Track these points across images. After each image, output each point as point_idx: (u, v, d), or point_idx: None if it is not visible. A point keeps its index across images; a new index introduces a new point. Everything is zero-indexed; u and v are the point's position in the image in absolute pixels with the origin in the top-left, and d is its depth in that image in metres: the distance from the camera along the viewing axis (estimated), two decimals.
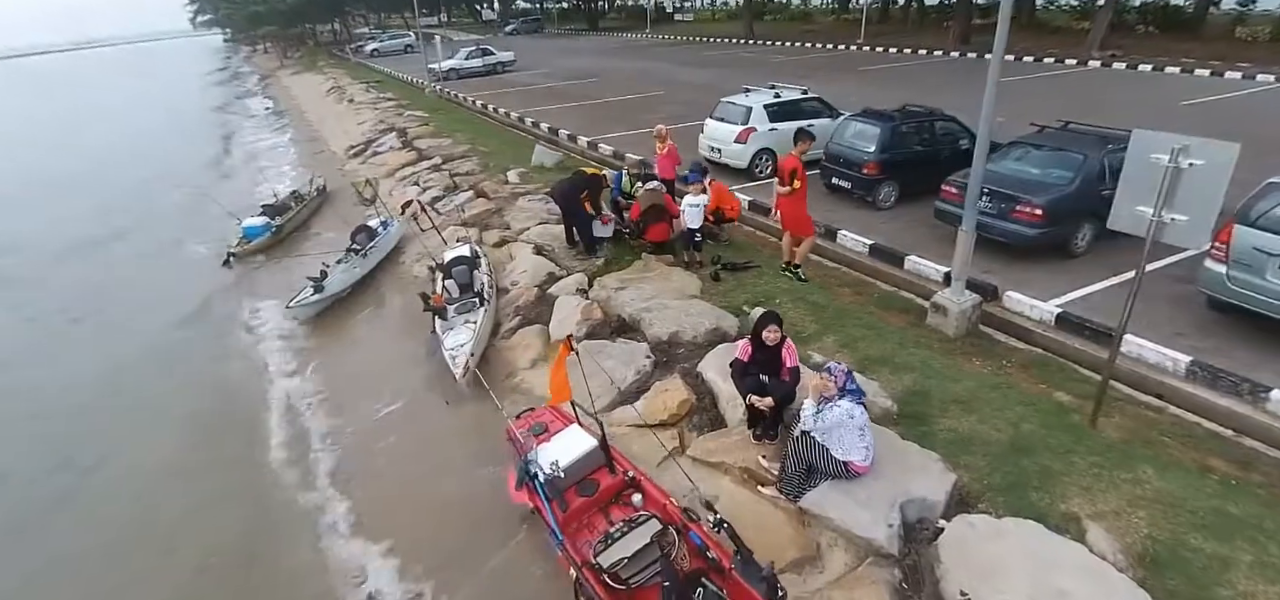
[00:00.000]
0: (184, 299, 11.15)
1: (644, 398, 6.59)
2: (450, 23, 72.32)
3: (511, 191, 12.83)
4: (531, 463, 5.32)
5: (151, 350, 9.67)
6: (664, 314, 7.71)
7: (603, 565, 4.48)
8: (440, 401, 7.43)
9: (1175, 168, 5.08)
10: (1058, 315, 7.95)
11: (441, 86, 28.96)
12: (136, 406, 8.36)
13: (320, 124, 24.31)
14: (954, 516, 4.83)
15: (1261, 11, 36.58)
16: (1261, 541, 4.42)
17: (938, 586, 4.35)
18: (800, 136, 8.71)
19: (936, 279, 9.17)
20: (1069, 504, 4.79)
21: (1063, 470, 5.14)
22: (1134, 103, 19.37)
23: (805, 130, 8.97)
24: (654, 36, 53.52)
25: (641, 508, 5.11)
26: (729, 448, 5.74)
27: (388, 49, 49.01)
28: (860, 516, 4.79)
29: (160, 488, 6.81)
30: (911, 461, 5.23)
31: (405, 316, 9.64)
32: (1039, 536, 4.51)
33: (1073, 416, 5.95)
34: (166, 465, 7.10)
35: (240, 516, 6.32)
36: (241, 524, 6.22)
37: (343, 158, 19.01)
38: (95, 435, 7.75)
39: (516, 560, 5.50)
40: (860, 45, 37.59)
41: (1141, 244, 5.47)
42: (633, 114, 20.93)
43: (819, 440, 5.04)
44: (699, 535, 4.60)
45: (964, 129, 12.74)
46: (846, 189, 12.20)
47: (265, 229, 13.09)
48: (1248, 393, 6.39)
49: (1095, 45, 28.39)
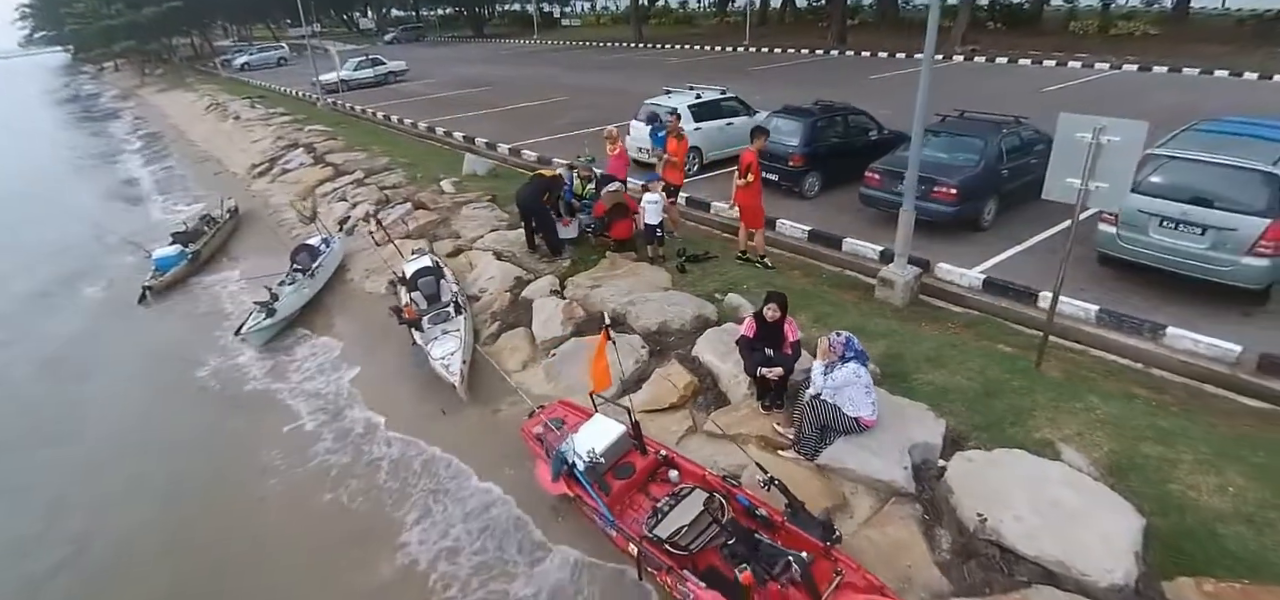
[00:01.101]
0: (108, 350, 10.11)
1: (647, 385, 6.93)
2: (323, 33, 68.88)
3: (453, 201, 12.73)
4: (567, 453, 5.55)
5: (96, 418, 8.38)
6: (647, 306, 8.09)
7: (662, 537, 4.81)
8: (437, 412, 7.41)
9: (1097, 144, 6.04)
10: (984, 281, 9.01)
11: (334, 99, 27.75)
12: (109, 491, 6.99)
13: (208, 144, 22.67)
14: (951, 455, 5.54)
15: (1086, 6, 41.83)
16: (1193, 445, 5.41)
17: (955, 513, 5.03)
18: (756, 133, 9.33)
19: (872, 257, 10.07)
20: (1041, 432, 5.63)
21: (1028, 407, 6.00)
22: (1002, 92, 21.67)
23: (761, 127, 9.60)
24: (542, 42, 53.52)
25: (679, 483, 5.47)
26: (741, 420, 6.22)
27: (259, 62, 46.19)
28: (876, 464, 5.40)
29: (178, 561, 6.15)
30: (906, 413, 5.92)
31: (368, 333, 9.42)
32: (1026, 461, 5.30)
33: (1021, 363, 6.88)
34: (176, 537, 6.34)
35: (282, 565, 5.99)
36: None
37: (247, 178, 17.93)
38: (66, 534, 6.46)
39: (564, 545, 5.67)
40: (745, 46, 39.35)
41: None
42: (543, 120, 21.10)
43: (831, 401, 5.61)
44: (746, 497, 5.04)
45: (873, 122, 13.94)
46: (774, 181, 12.98)
47: (180, 257, 12.23)
48: (1148, 331, 7.60)
49: (957, 41, 31.37)
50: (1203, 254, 7.88)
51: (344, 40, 63.85)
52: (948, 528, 4.97)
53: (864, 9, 49.47)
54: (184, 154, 22.26)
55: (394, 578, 5.59)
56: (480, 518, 6.03)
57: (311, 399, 8.13)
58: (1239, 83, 21.42)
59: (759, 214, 9.41)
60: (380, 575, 5.61)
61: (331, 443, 7.28)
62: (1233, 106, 17.35)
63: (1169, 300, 8.00)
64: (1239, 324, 7.53)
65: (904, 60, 31.42)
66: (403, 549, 5.81)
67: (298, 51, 53.11)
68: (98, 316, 11.24)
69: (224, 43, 64.12)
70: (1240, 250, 7.62)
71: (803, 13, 51.37)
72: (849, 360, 5.54)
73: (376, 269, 11.14)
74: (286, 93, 31.51)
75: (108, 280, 12.63)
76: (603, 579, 5.32)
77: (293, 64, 46.54)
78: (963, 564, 4.72)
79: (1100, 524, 4.68)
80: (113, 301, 11.68)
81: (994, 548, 4.73)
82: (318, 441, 7.32)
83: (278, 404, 8.15)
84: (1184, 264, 8.04)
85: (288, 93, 31.45)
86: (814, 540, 4.53)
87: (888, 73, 27.97)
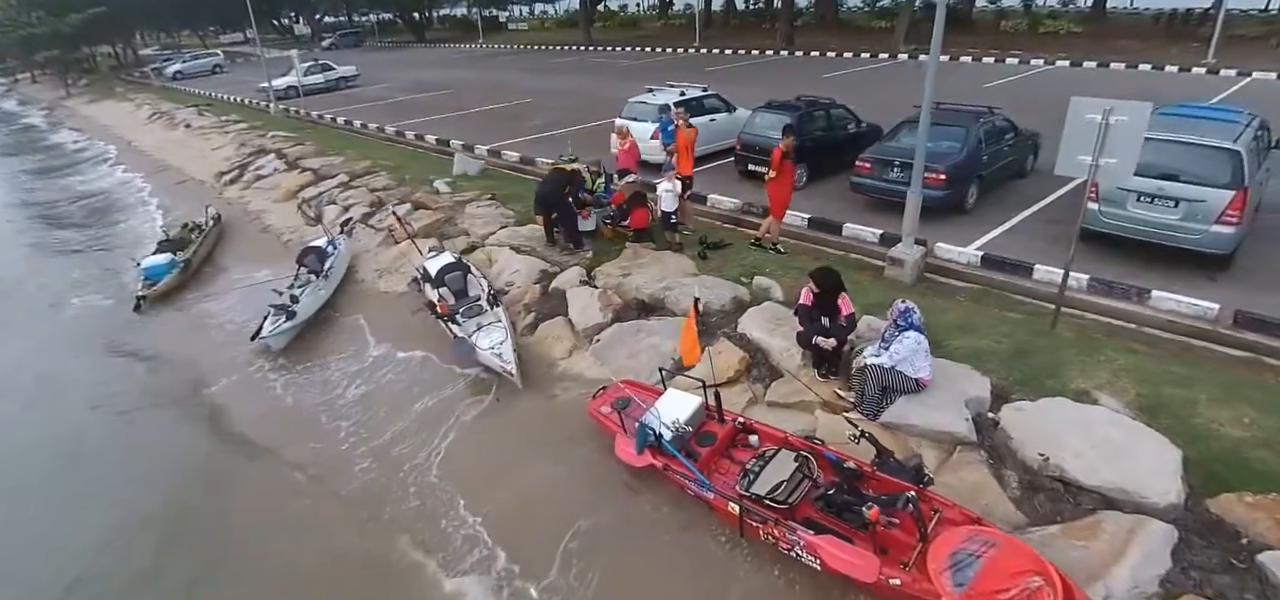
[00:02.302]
0: (113, 362, 9.73)
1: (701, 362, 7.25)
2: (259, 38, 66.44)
3: (453, 201, 12.75)
4: (652, 426, 5.84)
5: (115, 436, 8.03)
6: (682, 290, 8.44)
7: (762, 494, 5.17)
8: (489, 402, 7.54)
9: (1106, 124, 6.73)
10: (982, 257, 9.73)
11: (288, 106, 26.98)
12: (148, 513, 6.72)
13: (163, 154, 21.74)
14: (999, 408, 6.09)
15: (1009, 5, 44.35)
16: (1204, 387, 6.11)
17: (1016, 456, 5.57)
18: (787, 131, 9.80)
19: (872, 240, 10.68)
20: (1076, 383, 6.24)
21: (1058, 362, 6.63)
22: (950, 87, 22.78)
23: (790, 125, 10.08)
24: (490, 46, 53.10)
25: (759, 446, 5.84)
26: (802, 388, 6.64)
27: (193, 70, 44.31)
28: (939, 417, 5.91)
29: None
30: (953, 373, 6.45)
31: (394, 330, 9.41)
32: (1070, 408, 5.89)
33: (1038, 326, 7.54)
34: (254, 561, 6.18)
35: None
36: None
37: (216, 186, 17.36)
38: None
39: (648, 512, 5.94)
40: (696, 48, 40.11)
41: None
42: (514, 121, 21.16)
43: (893, 365, 6.09)
44: (833, 453, 5.45)
45: (852, 115, 14.67)
46: (761, 173, 13.56)
47: (170, 266, 11.86)
48: (1135, 295, 8.41)
49: (901, 41, 32.87)
50: (1176, 224, 8.76)
51: (279, 47, 61.80)
52: (1013, 469, 5.50)
53: (803, 12, 51.08)
54: (139, 164, 21.29)
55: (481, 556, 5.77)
56: (561, 496, 6.22)
57: (360, 399, 8.13)
58: (1162, 75, 23.31)
59: (780, 205, 9.85)
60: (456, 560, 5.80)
61: (397, 435, 7.34)
62: (1159, 97, 19.00)
63: (1145, 268, 8.81)
64: (1206, 286, 8.36)
65: (851, 59, 32.66)
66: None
67: (232, 59, 51.26)
68: (93, 327, 10.81)
69: (148, 51, 61.03)
70: (1209, 220, 8.51)
71: (745, 15, 52.55)
72: (910, 328, 6.03)
73: (387, 268, 11.12)
74: (233, 101, 30.40)
75: (98, 292, 12.15)
76: (688, 542, 5.60)
77: (229, 71, 44.90)
78: (1032, 498, 5.26)
79: (1146, 455, 5.29)
80: (107, 311, 11.24)
81: (1058, 483, 5.29)
82: (379, 436, 7.38)
83: (332, 406, 8.12)
84: (1159, 234, 8.91)
85: (234, 100, 30.36)
86: (907, 484, 4.97)
87: (839, 71, 29.07)
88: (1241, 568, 4.52)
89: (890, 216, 10.97)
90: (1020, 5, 44.49)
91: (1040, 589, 4.12)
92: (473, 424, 7.36)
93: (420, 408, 7.71)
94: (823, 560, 4.75)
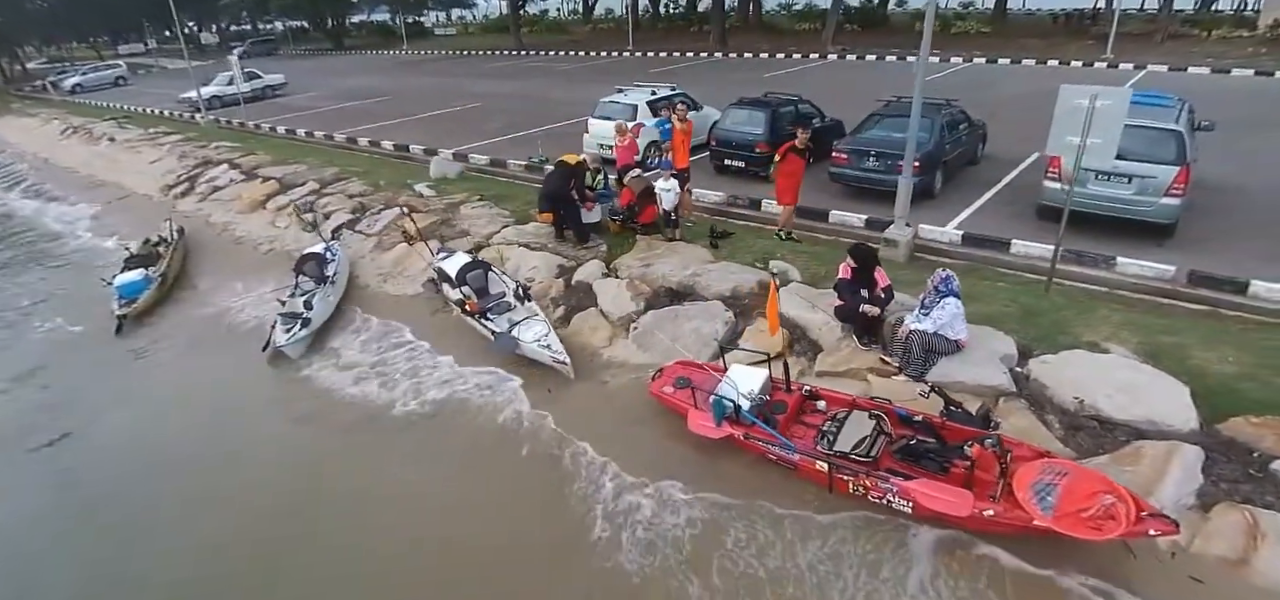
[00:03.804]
0: (107, 389, 9.14)
1: (745, 341, 7.69)
2: (158, 49, 62.44)
3: (445, 204, 12.70)
4: (728, 399, 6.23)
5: (137, 475, 7.42)
6: (708, 277, 8.86)
7: (846, 450, 5.66)
8: (543, 393, 7.72)
9: (1092, 107, 7.61)
10: (963, 236, 10.62)
11: (217, 115, 25.69)
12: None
13: (90, 170, 20.29)
14: (1025, 363, 6.83)
15: (915, 7, 47.13)
16: (1188, 335, 7.06)
17: (1053, 401, 6.29)
18: (801, 127, 10.33)
19: (858, 225, 11.43)
20: (1086, 337, 7.06)
21: (1064, 321, 7.46)
22: (880, 84, 24.18)
23: (803, 119, 10.60)
24: (415, 53, 51.97)
25: (828, 410, 6.33)
26: (848, 358, 7.20)
27: (94, 82, 41.30)
28: (980, 373, 6.59)
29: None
30: (981, 334, 7.15)
31: (432, 332, 9.35)
32: (1089, 358, 6.69)
33: (1035, 292, 8.39)
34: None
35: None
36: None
37: (165, 199, 16.46)
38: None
39: (742, 474, 6.32)
40: (629, 52, 40.71)
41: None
42: (469, 125, 21.02)
43: (936, 330, 6.72)
44: (903, 409, 6.00)
45: (817, 110, 15.49)
46: (740, 168, 14.17)
47: (145, 282, 11.28)
48: (1103, 263, 9.44)
49: (829, 42, 34.52)
50: (1130, 199, 9.88)
51: (182, 57, 58.32)
52: (1053, 413, 6.22)
53: (728, 14, 52.57)
54: (68, 182, 19.80)
55: (598, 537, 6.00)
56: (653, 466, 6.52)
57: (424, 400, 8.11)
58: (1070, 70, 25.58)
59: (786, 194, 10.34)
60: (579, 538, 6.00)
61: (476, 433, 7.44)
62: None
63: (1099, 240, 9.78)
64: (1155, 252, 9.43)
65: (784, 59, 33.99)
66: (593, 521, 6.19)
67: (135, 70, 48.06)
68: (82, 354, 10.12)
69: (33, 64, 56.23)
70: (1159, 193, 9.65)
71: (674, 18, 53.57)
72: (950, 294, 6.68)
73: (390, 272, 11.01)
74: (154, 113, 28.63)
75: (62, 316, 11.29)
76: (782, 496, 6.02)
77: (134, 83, 42.08)
78: (1075, 436, 5.98)
79: (1160, 392, 6.12)
80: (83, 336, 10.56)
81: (1094, 420, 6.03)
82: (450, 433, 7.47)
83: (384, 408, 8.09)
84: (1115, 207, 10.01)
85: (156, 113, 28.60)
86: (976, 430, 5.57)
87: (776, 71, 30.26)
88: (1259, 477, 5.35)
89: (866, 202, 11.79)
90: (923, 5, 47.41)
91: (1114, 504, 4.78)
92: (548, 412, 7.49)
93: (478, 404, 7.79)
94: (916, 502, 5.27)
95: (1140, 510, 4.76)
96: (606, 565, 5.65)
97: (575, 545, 5.88)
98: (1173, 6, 31.59)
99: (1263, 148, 13.58)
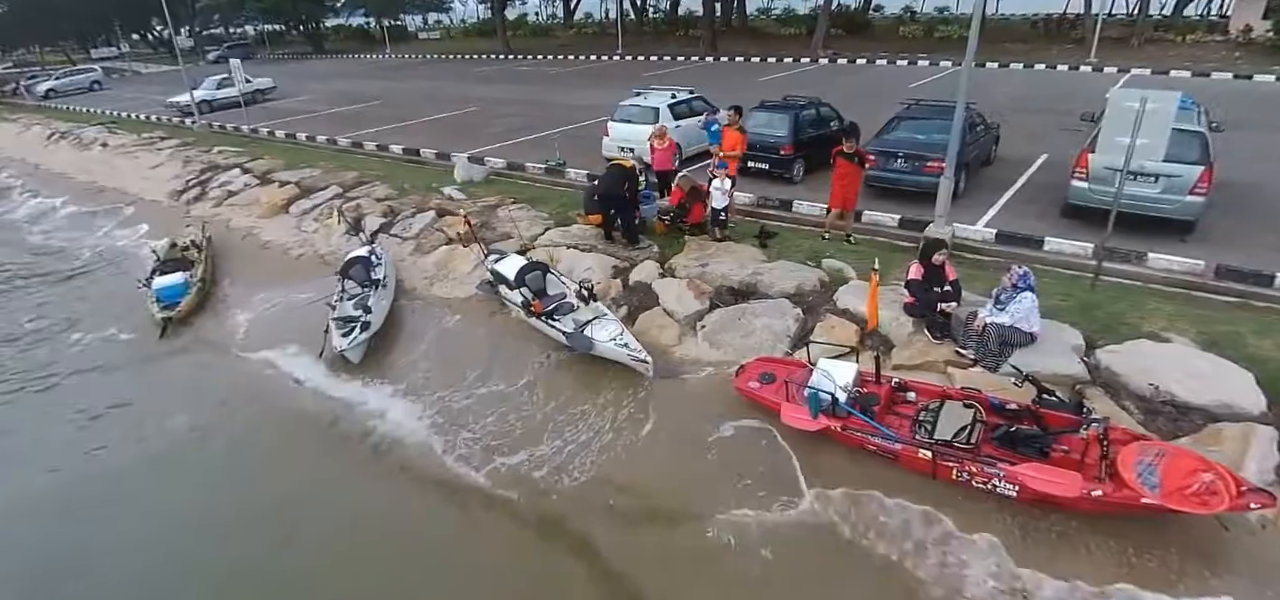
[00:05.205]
0: (172, 400, 9.07)
1: (818, 335, 7.91)
2: (130, 53, 60.83)
3: (480, 207, 12.74)
4: (824, 392, 6.45)
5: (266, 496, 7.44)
6: (770, 275, 9.10)
7: (948, 438, 5.93)
8: (641, 390, 7.84)
9: (1140, 110, 8.02)
10: (996, 233, 11.01)
11: (210, 121, 25.29)
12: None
13: (89, 176, 19.78)
14: (1092, 353, 7.18)
15: (898, 11, 48.12)
16: (1240, 323, 7.50)
17: (1128, 388, 6.64)
18: (850, 132, 10.59)
19: (891, 224, 11.78)
20: (1145, 327, 7.46)
21: (1119, 313, 7.85)
22: (878, 86, 24.93)
23: (848, 128, 10.82)
24: (399, 56, 51.54)
25: (918, 402, 6.60)
26: (924, 351, 7.48)
27: (69, 87, 40.23)
28: (1056, 363, 6.92)
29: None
30: (1048, 327, 7.48)
31: (480, 331, 9.47)
32: (1153, 347, 7.06)
33: (1080, 286, 8.78)
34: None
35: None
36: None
37: (176, 205, 16.22)
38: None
39: (843, 464, 6.55)
40: (620, 55, 40.90)
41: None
42: (474, 130, 21.02)
43: (1012, 323, 7.03)
44: (996, 398, 6.29)
45: (835, 112, 15.86)
46: (764, 169, 14.43)
47: (186, 286, 11.21)
48: (1135, 258, 9.89)
49: (820, 47, 35.12)
50: (1156, 197, 10.34)
51: (158, 62, 57.05)
52: (1129, 399, 6.57)
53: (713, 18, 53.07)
54: (63, 188, 19.34)
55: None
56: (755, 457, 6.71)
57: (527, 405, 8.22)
58: (1057, 74, 26.47)
59: (839, 198, 10.55)
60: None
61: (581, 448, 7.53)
62: (1063, 93, 21.75)
63: (1125, 237, 10.12)
64: (1178, 247, 9.91)
65: (774, 64, 34.51)
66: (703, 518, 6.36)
67: (109, 74, 46.91)
68: (132, 360, 10.01)
69: (1, 68, 54.41)
70: (1184, 191, 10.13)
71: (659, 23, 53.89)
72: (1027, 289, 7.00)
73: (436, 275, 11.03)
74: (142, 117, 28.07)
75: (104, 325, 11.12)
76: (888, 485, 6.27)
77: (108, 88, 41.09)
78: (1154, 420, 6.33)
79: (1227, 377, 6.51)
80: (132, 342, 10.42)
81: (1170, 405, 6.39)
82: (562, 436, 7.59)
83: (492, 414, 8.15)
84: (1141, 206, 10.46)
85: (144, 117, 28.04)
86: (1070, 416, 5.88)
87: (771, 75, 30.72)
88: None
89: (895, 202, 12.12)
90: (903, 12, 48.45)
91: (1214, 481, 5.11)
92: (649, 411, 7.66)
93: (582, 408, 7.93)
94: (1023, 486, 5.55)
95: (1239, 486, 5.09)
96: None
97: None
98: (1147, 11, 32.85)
99: (1259, 149, 14.27)
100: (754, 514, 6.24)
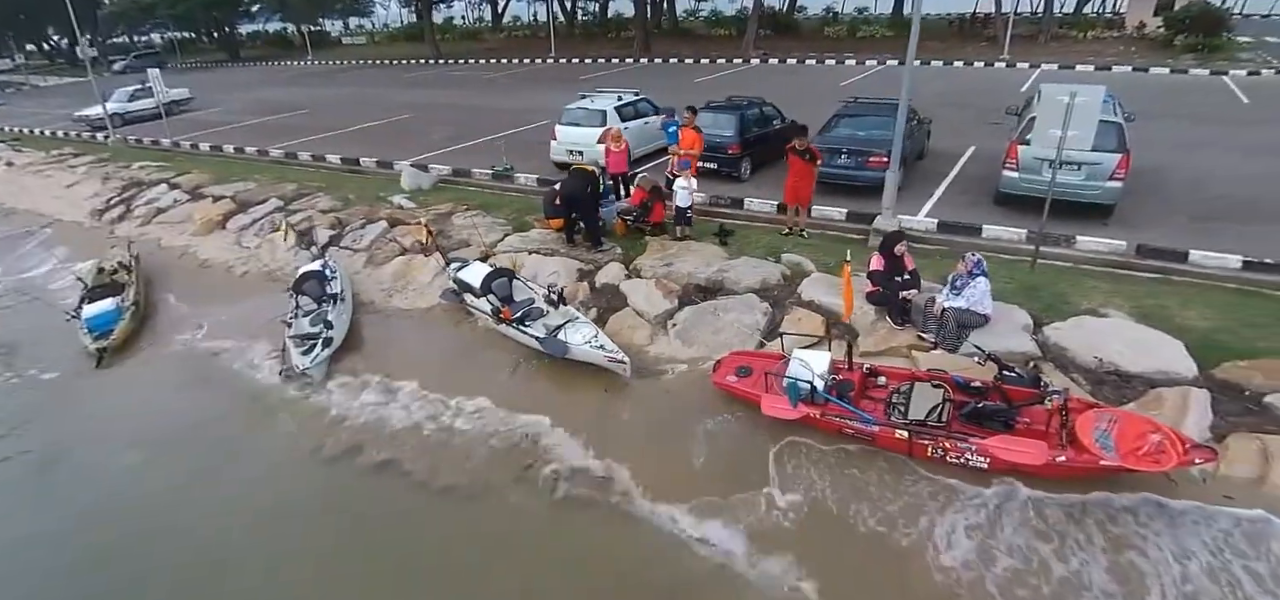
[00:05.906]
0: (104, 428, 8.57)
1: (786, 326, 8.18)
2: (25, 65, 56.44)
3: (433, 216, 12.53)
4: (802, 381, 6.69)
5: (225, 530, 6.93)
6: (735, 272, 9.34)
7: (922, 419, 6.27)
8: (599, 394, 7.90)
9: (1070, 104, 8.64)
10: (938, 223, 11.61)
11: (125, 134, 23.85)
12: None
13: None
14: (1040, 330, 7.70)
15: (818, 13, 49.74)
16: (1167, 297, 8.18)
17: (1075, 361, 7.16)
18: (799, 130, 10.91)
19: (839, 218, 12.23)
20: (1084, 304, 8.05)
21: (1061, 292, 8.43)
22: (810, 85, 25.72)
23: (803, 126, 11.15)
24: (323, 63, 49.76)
25: (888, 385, 6.93)
26: (886, 337, 7.85)
27: None
28: (1010, 342, 7.39)
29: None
30: (999, 309, 7.97)
31: (447, 341, 9.32)
32: (1093, 322, 7.64)
33: (1023, 269, 9.37)
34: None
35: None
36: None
37: (99, 225, 15.22)
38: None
39: (824, 448, 6.78)
40: (553, 58, 40.71)
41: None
42: (413, 137, 20.48)
43: (968, 306, 7.47)
44: (960, 377, 6.67)
45: (778, 112, 16.31)
46: (713, 168, 14.72)
47: (118, 312, 10.56)
48: (1064, 241, 10.61)
49: (750, 47, 35.94)
50: (1079, 184, 11.10)
51: (57, 74, 53.26)
52: (1077, 371, 7.08)
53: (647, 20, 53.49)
54: None
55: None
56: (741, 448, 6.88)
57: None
58: (975, 70, 27.95)
59: (793, 194, 10.87)
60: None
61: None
62: (983, 88, 23.02)
63: (1052, 222, 10.85)
64: (1102, 229, 10.69)
65: (708, 65, 35.06)
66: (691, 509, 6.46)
67: (2, 88, 43.52)
68: (68, 398, 9.30)
69: None
70: (1104, 178, 10.94)
71: (589, 25, 53.93)
72: (980, 274, 7.45)
73: (392, 287, 10.79)
74: (49, 133, 26.24)
75: (27, 362, 10.27)
76: (868, 465, 6.55)
77: (5, 102, 38.15)
78: (1100, 389, 6.85)
79: (1160, 346, 7.12)
80: (56, 381, 9.67)
81: (1114, 374, 6.94)
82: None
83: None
84: (1066, 192, 11.22)
85: (51, 133, 26.21)
86: (1030, 390, 6.31)
87: (704, 76, 31.20)
88: (1257, 411, 6.37)
89: (841, 197, 12.57)
90: (825, 13, 50.14)
91: (1162, 442, 5.60)
92: (605, 417, 7.64)
93: (551, 412, 7.83)
94: (994, 457, 5.93)
95: (1185, 444, 5.59)
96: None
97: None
98: (1052, 9, 35.09)
99: (1161, 136, 15.50)
100: (740, 497, 6.39)
